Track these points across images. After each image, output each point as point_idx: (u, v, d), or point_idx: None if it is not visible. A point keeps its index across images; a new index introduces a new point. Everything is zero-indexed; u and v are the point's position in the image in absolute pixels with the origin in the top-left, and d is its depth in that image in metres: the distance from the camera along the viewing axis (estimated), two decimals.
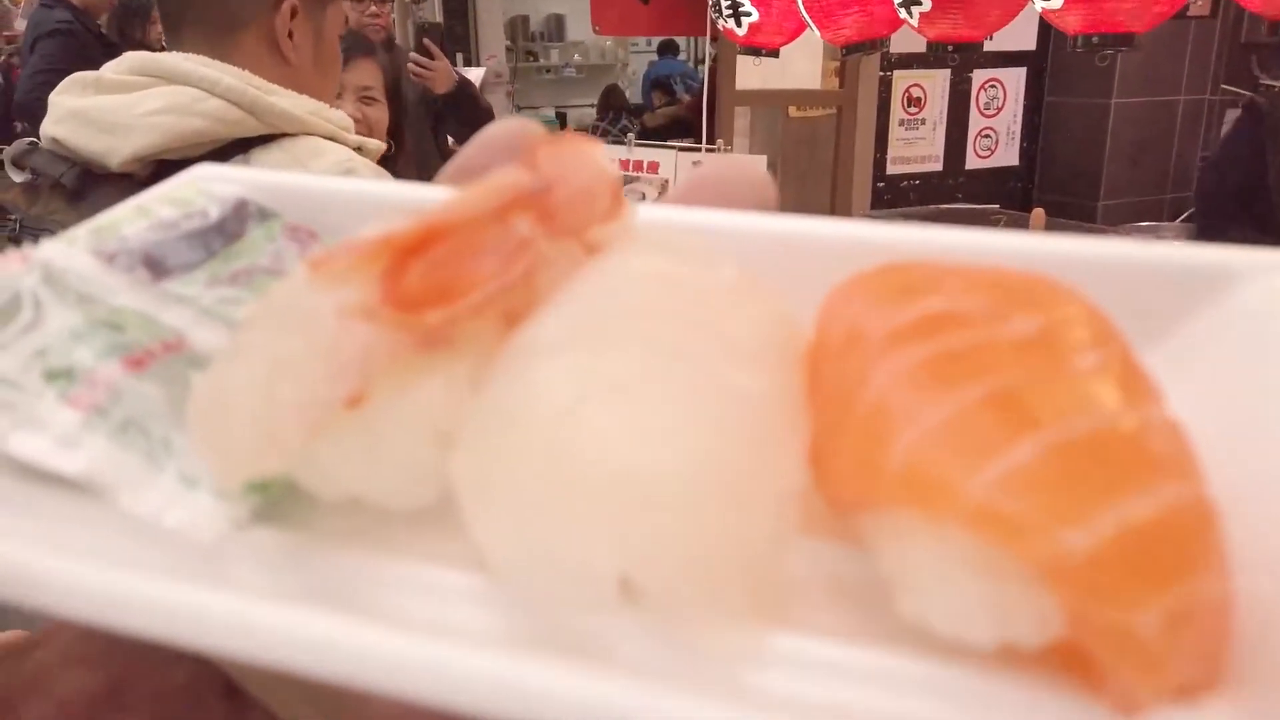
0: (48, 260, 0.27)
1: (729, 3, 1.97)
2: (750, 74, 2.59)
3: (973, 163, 2.99)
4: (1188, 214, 2.84)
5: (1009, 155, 3.04)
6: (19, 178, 0.93)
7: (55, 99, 0.94)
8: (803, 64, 2.70)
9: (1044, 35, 2.92)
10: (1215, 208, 2.18)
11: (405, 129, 1.96)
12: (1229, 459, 0.20)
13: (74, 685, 0.25)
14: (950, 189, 2.98)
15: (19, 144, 0.95)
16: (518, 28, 7.82)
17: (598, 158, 0.27)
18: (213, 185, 0.32)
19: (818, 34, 1.72)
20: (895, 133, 2.86)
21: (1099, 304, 0.22)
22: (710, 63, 2.66)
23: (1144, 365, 0.21)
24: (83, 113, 0.91)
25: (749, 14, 1.91)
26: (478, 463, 0.20)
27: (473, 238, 0.24)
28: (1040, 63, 2.98)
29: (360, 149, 1.01)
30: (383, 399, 0.21)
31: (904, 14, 1.47)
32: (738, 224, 0.29)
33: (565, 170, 0.26)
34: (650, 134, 3.64)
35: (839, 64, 2.74)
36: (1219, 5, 2.77)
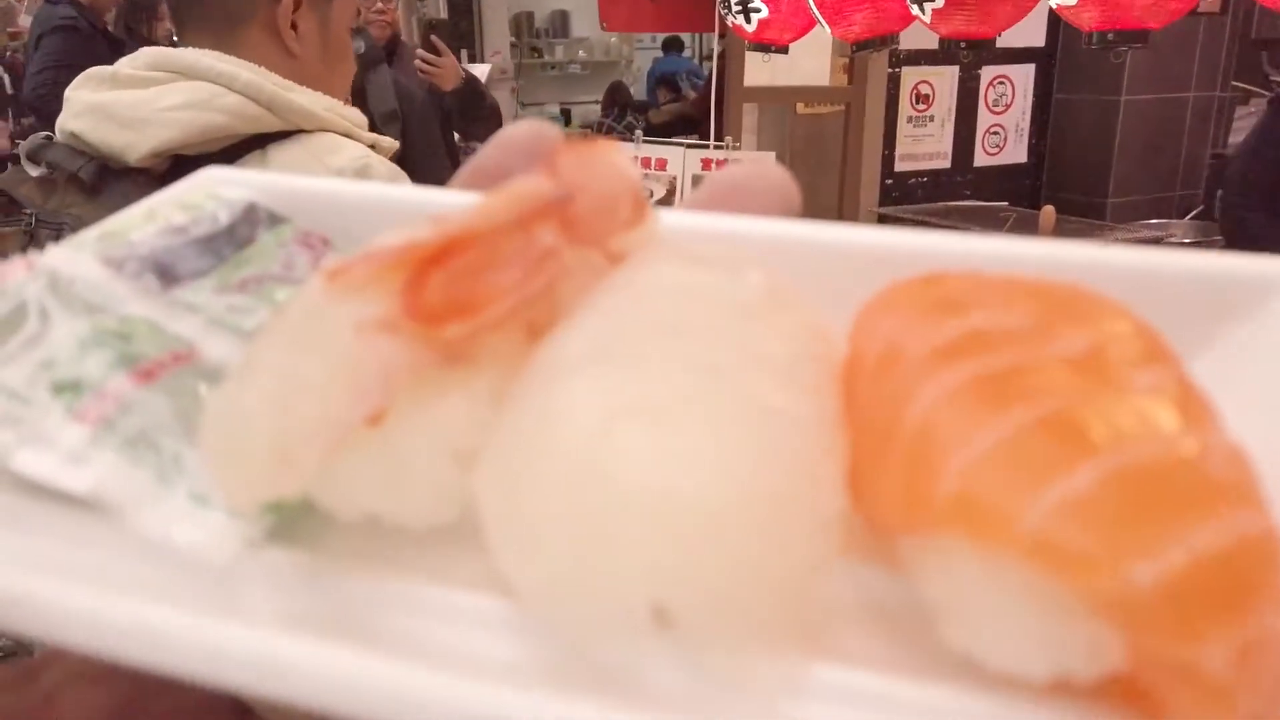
0: (54, 267, 0.26)
1: None
2: (758, 71, 2.58)
3: (981, 160, 2.97)
4: (1196, 211, 2.83)
5: (1017, 152, 3.02)
6: (35, 172, 0.92)
7: (72, 94, 0.93)
8: (811, 61, 2.68)
9: (1053, 31, 2.90)
10: (1238, 199, 2.17)
11: (411, 126, 1.96)
12: (1273, 476, 0.19)
13: (84, 707, 0.24)
14: (958, 186, 2.96)
15: (34, 138, 0.94)
16: (522, 24, 7.82)
17: (620, 163, 0.26)
18: (222, 189, 0.31)
19: (827, 31, 1.71)
20: (903, 129, 2.84)
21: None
22: (717, 59, 2.65)
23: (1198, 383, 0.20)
24: (102, 107, 0.91)
25: (758, 10, 1.90)
26: (503, 483, 0.19)
27: (494, 248, 0.23)
28: (1049, 59, 2.97)
29: (374, 147, 1.01)
30: (403, 416, 0.20)
31: (916, 10, 1.46)
32: (764, 230, 0.28)
33: (588, 176, 0.25)
34: (655, 130, 3.63)
35: (847, 61, 2.73)
36: (1229, 1, 2.76)
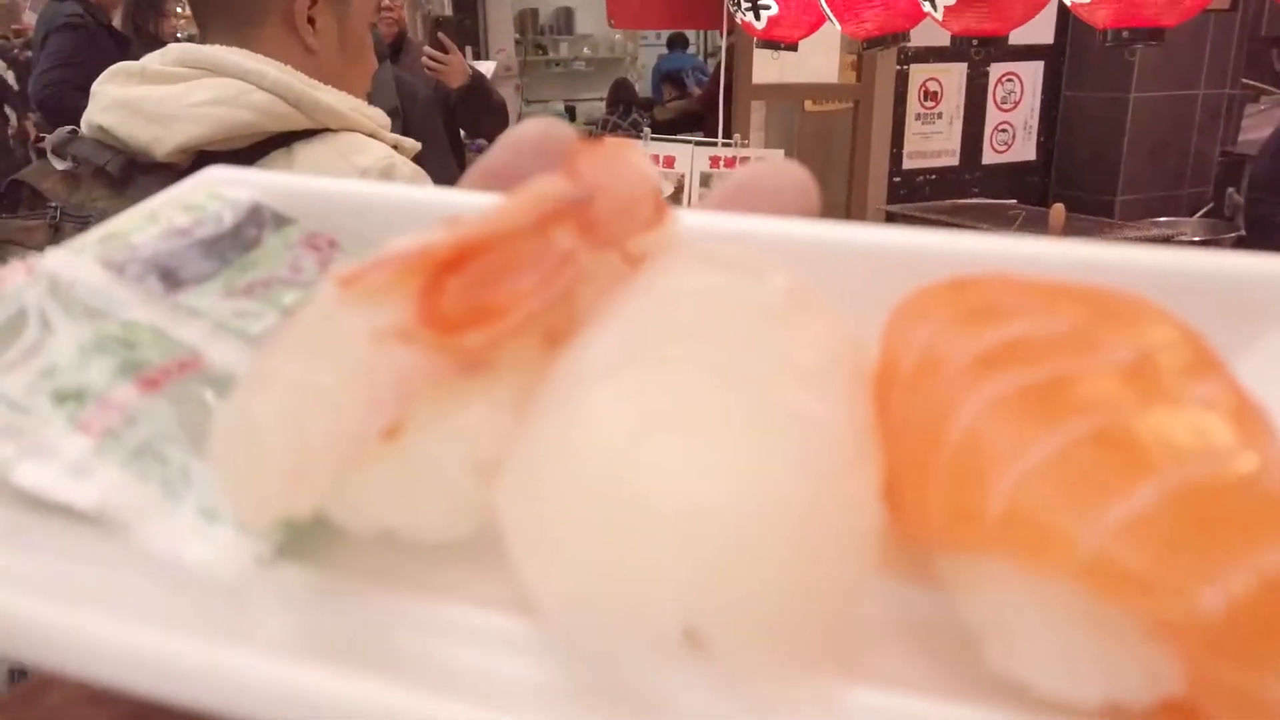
0: (53, 271, 0.25)
1: None
2: (766, 68, 2.57)
3: (989, 157, 2.96)
4: (1206, 209, 2.82)
5: (1026, 150, 3.01)
6: (61, 166, 0.92)
7: (100, 88, 0.93)
8: (819, 58, 2.68)
9: (1062, 28, 2.89)
10: (1265, 197, 2.17)
11: (412, 123, 1.95)
12: None
13: None
14: (966, 184, 2.95)
15: (60, 132, 0.94)
16: (527, 21, 7.81)
17: (640, 163, 0.25)
18: (226, 189, 0.31)
19: (837, 27, 1.70)
20: (911, 127, 2.83)
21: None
22: (725, 56, 2.64)
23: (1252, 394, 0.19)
24: (131, 102, 0.90)
25: (768, 7, 1.89)
26: (526, 496, 0.18)
27: (512, 252, 0.22)
28: (1058, 56, 2.95)
29: (396, 147, 1.00)
30: (420, 427, 0.20)
31: (928, 7, 1.45)
32: (783, 231, 0.27)
33: (607, 177, 0.24)
34: (660, 128, 3.63)
35: (855, 58, 2.72)
36: None
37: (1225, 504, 0.16)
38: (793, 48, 2.01)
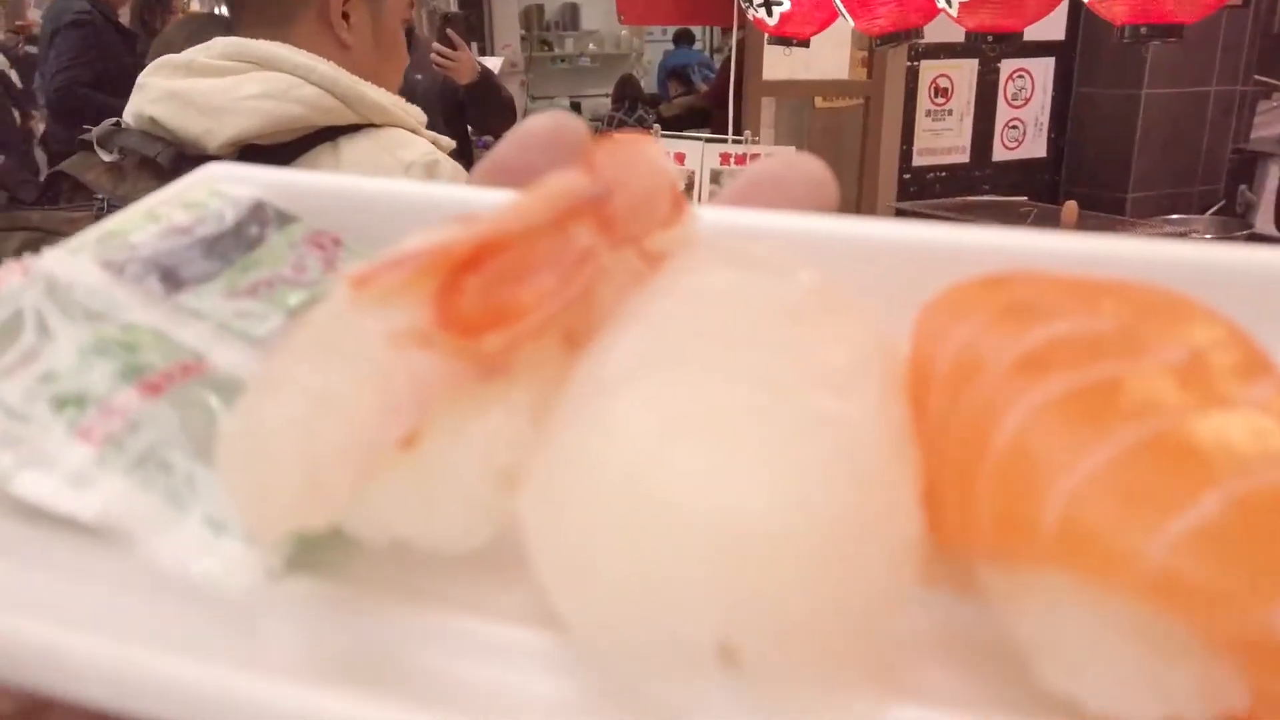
0: (51, 272, 0.25)
1: None
2: (776, 64, 2.56)
3: (1000, 154, 2.94)
4: (1218, 206, 2.80)
5: (1037, 146, 2.99)
6: (108, 158, 0.92)
7: (148, 80, 0.93)
8: (830, 54, 2.66)
9: (1073, 25, 2.87)
10: None
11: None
12: None
13: None
14: (977, 180, 2.93)
15: (105, 124, 0.94)
16: (532, 17, 7.81)
17: (657, 158, 0.24)
18: (226, 186, 0.30)
19: (850, 24, 1.69)
20: (922, 123, 2.81)
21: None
22: (734, 52, 2.62)
23: None
24: (182, 94, 0.90)
25: (780, 3, 1.88)
26: (550, 507, 0.18)
27: (530, 250, 0.21)
28: (1069, 53, 2.94)
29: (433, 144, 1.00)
30: (437, 434, 0.19)
31: (942, 4, 1.44)
32: (806, 227, 0.27)
33: (625, 173, 0.23)
34: (666, 124, 3.61)
35: (866, 54, 2.71)
36: None
37: None
38: (804, 44, 2.00)
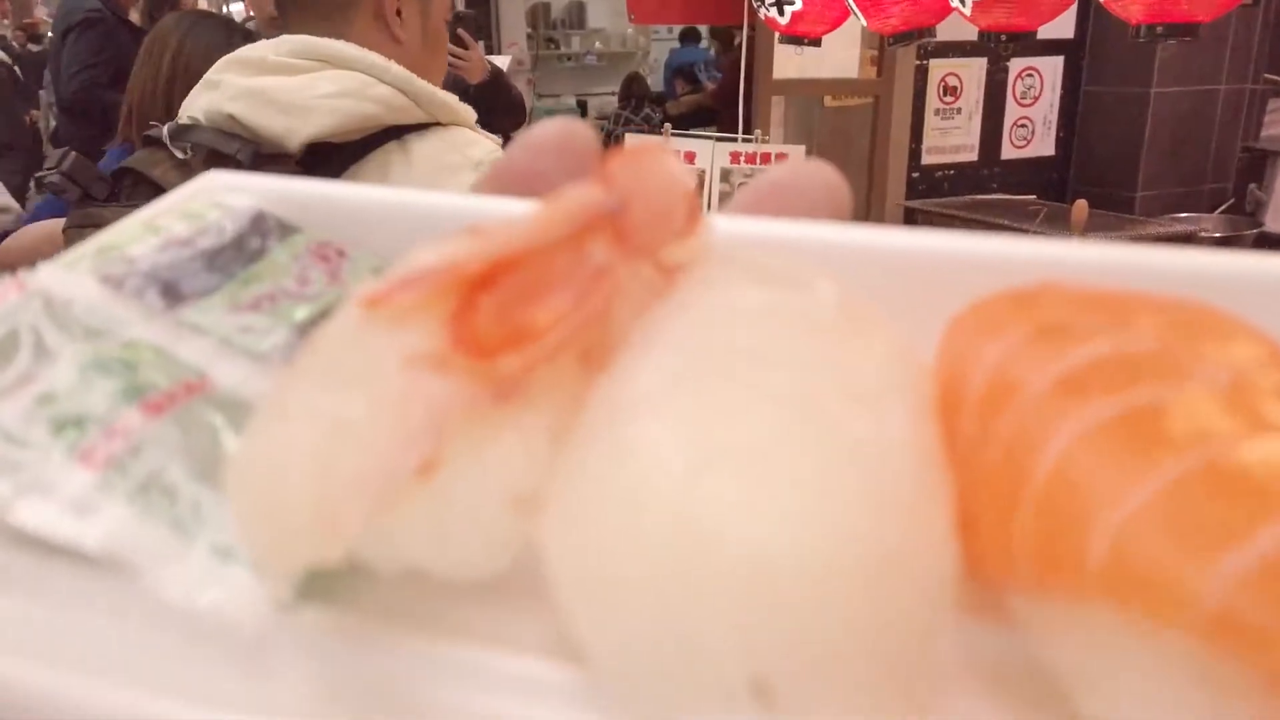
0: (47, 289, 0.24)
1: None
2: (785, 63, 2.56)
3: (1009, 153, 2.93)
4: (1227, 205, 2.80)
5: (1045, 145, 2.98)
6: (180, 155, 0.91)
7: (221, 77, 0.93)
8: (839, 53, 2.66)
9: (1082, 23, 2.86)
10: None
11: None
12: None
13: None
14: (985, 179, 2.92)
15: (178, 121, 0.94)
16: (539, 15, 7.80)
17: (673, 167, 0.24)
18: (225, 196, 0.29)
19: (862, 23, 1.69)
20: (930, 122, 2.81)
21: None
22: (746, 51, 2.62)
23: None
24: (260, 92, 0.90)
25: (792, 3, 1.88)
26: (575, 535, 0.17)
27: (545, 267, 0.20)
28: (1078, 51, 2.93)
29: None
30: (451, 460, 0.18)
31: (955, 3, 1.44)
32: (824, 236, 0.26)
33: (640, 183, 0.23)
34: (673, 122, 3.61)
35: (875, 53, 2.71)
36: None
37: None
38: (816, 43, 2.00)
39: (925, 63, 2.74)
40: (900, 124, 2.72)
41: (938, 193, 2.86)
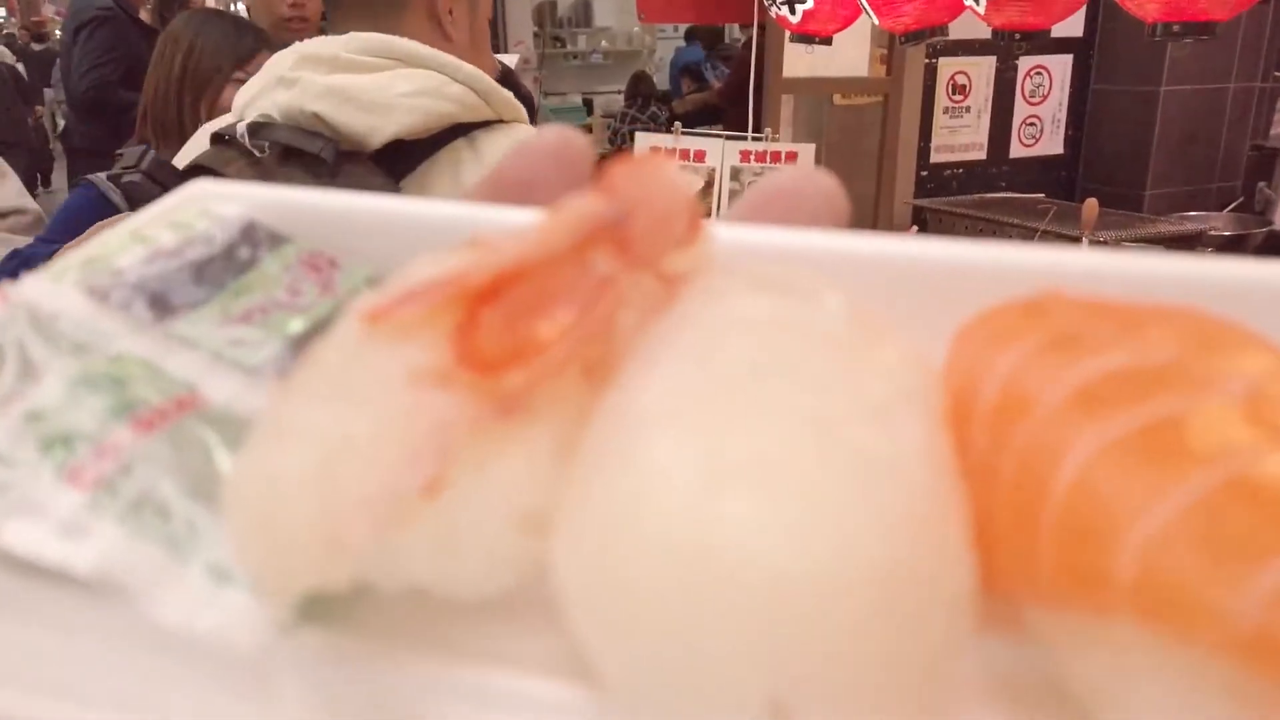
0: (33, 302, 0.23)
1: None
2: (795, 61, 2.56)
3: (1017, 151, 2.92)
4: (1236, 203, 2.79)
5: (1054, 144, 2.97)
6: (257, 153, 0.90)
7: (298, 74, 0.92)
8: (849, 51, 2.66)
9: (1091, 22, 2.86)
10: None
11: None
12: None
13: None
14: (994, 177, 2.92)
15: (255, 119, 0.92)
16: (545, 13, 7.81)
17: (675, 177, 0.23)
18: (215, 205, 0.28)
19: (874, 21, 1.69)
20: (939, 121, 2.80)
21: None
22: (756, 50, 2.61)
23: None
24: (341, 90, 0.90)
25: (803, 1, 1.88)
26: (586, 554, 0.17)
27: (548, 280, 0.20)
28: (1087, 50, 2.93)
29: None
30: (456, 477, 0.18)
31: (969, 1, 1.44)
32: (826, 245, 0.25)
33: (641, 192, 0.22)
34: (679, 121, 3.61)
35: (885, 51, 2.70)
36: None
37: None
38: (827, 41, 2.00)
39: (934, 61, 2.74)
40: (909, 122, 2.72)
41: (946, 191, 2.86)
